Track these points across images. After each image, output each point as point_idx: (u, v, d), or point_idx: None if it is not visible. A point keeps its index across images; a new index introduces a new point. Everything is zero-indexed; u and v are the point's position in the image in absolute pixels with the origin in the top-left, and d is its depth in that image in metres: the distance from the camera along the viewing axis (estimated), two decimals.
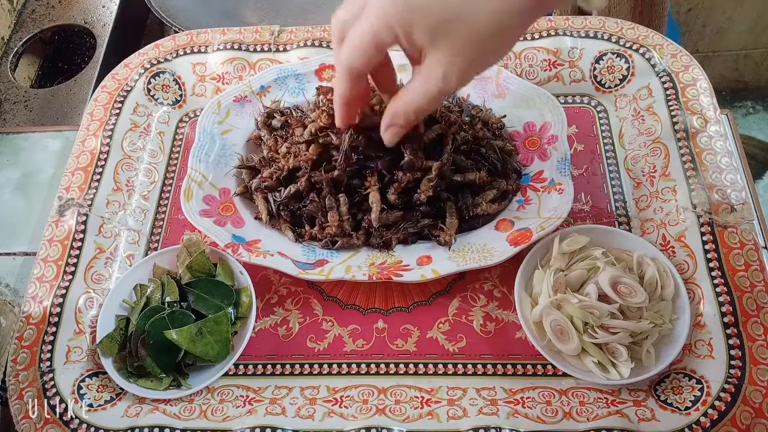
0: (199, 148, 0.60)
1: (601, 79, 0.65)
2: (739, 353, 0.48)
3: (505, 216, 0.57)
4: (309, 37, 0.68)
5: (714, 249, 0.52)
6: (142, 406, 0.50)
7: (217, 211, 0.58)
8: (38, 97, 0.79)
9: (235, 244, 0.55)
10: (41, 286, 0.55)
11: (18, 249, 0.63)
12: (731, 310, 0.49)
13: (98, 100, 0.66)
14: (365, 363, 0.53)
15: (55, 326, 0.53)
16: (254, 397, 0.51)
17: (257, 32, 0.69)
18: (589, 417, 0.47)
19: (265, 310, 0.56)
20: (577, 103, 0.66)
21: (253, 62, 0.68)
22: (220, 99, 0.63)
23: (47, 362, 0.51)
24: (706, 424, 0.46)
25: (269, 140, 0.61)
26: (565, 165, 0.57)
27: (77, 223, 0.58)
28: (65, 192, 0.60)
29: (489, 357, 0.52)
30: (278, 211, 0.57)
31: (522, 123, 0.62)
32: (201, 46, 0.69)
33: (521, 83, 0.63)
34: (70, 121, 0.75)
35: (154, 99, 0.68)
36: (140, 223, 0.61)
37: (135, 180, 0.63)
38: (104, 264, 0.57)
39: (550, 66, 0.66)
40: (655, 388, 0.49)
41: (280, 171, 0.57)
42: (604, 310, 0.49)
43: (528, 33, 0.66)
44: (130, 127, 0.65)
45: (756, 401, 0.46)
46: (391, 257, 0.55)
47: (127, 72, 0.68)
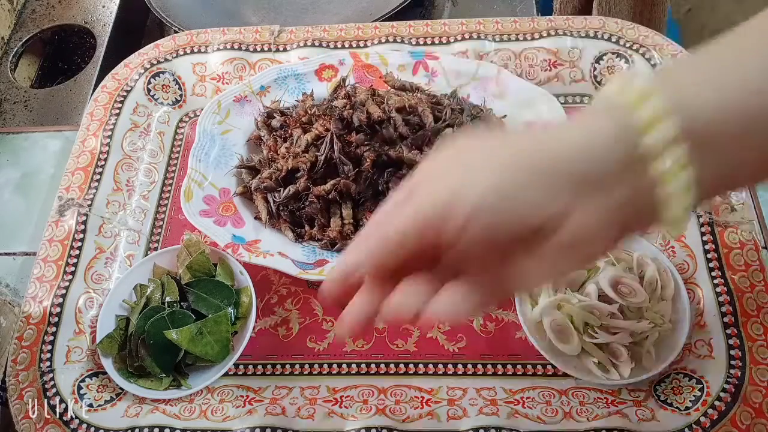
0: (199, 148, 0.60)
1: (602, 79, 0.65)
2: (739, 353, 0.48)
3: None
4: (309, 37, 0.68)
5: (714, 249, 0.52)
6: (142, 406, 0.50)
7: (217, 211, 0.58)
8: (38, 97, 0.79)
9: (235, 244, 0.55)
10: (41, 286, 0.55)
11: (18, 249, 0.63)
12: (731, 310, 0.49)
13: (98, 100, 0.66)
14: (365, 363, 0.53)
15: (55, 326, 0.53)
16: (254, 397, 0.51)
17: (257, 32, 0.69)
18: (589, 417, 0.47)
19: (265, 310, 0.56)
20: (577, 103, 0.66)
21: (253, 62, 0.68)
22: (220, 99, 0.63)
23: (47, 362, 0.51)
24: (706, 424, 0.46)
25: (269, 140, 0.61)
26: None
27: (77, 223, 0.58)
28: (65, 192, 0.60)
29: (489, 357, 0.52)
30: (278, 211, 0.57)
31: (522, 123, 0.62)
32: (201, 46, 0.69)
33: (521, 83, 0.63)
34: (70, 121, 0.75)
35: (154, 99, 0.68)
36: (140, 223, 0.61)
37: (135, 180, 0.63)
38: (104, 264, 0.57)
39: (550, 66, 0.66)
40: (655, 388, 0.49)
41: (279, 171, 0.57)
42: (604, 310, 0.49)
43: (528, 33, 0.66)
44: (130, 127, 0.65)
45: (756, 401, 0.46)
46: None
47: (127, 72, 0.68)
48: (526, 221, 0.31)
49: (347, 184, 0.54)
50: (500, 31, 0.67)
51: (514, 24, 0.67)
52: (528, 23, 0.67)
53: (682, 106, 0.30)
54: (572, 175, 0.31)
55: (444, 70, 0.65)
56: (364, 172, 0.54)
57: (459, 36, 0.67)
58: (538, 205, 0.31)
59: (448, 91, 0.64)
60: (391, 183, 0.55)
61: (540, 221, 0.31)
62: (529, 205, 0.31)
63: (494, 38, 0.66)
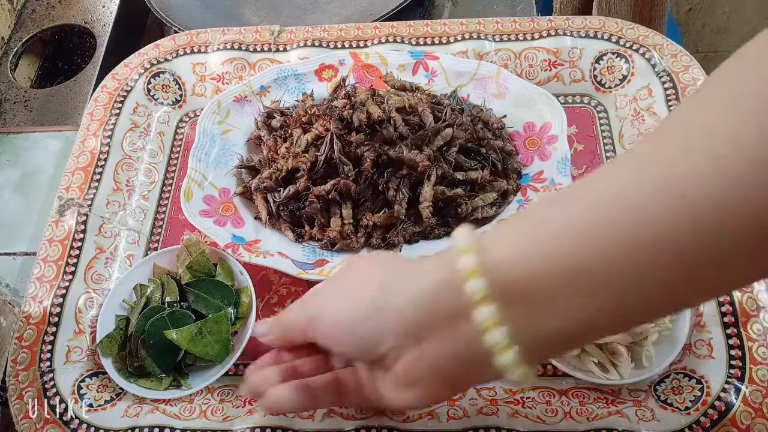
0: (199, 148, 0.60)
1: (601, 79, 0.65)
2: (739, 353, 0.48)
3: (505, 216, 0.57)
4: (309, 37, 0.68)
5: None
6: (142, 406, 0.50)
7: (217, 211, 0.58)
8: (38, 97, 0.79)
9: (235, 244, 0.55)
10: (41, 286, 0.55)
11: (18, 249, 0.63)
12: (731, 310, 0.49)
13: (98, 100, 0.66)
14: None
15: (55, 326, 0.53)
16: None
17: (257, 32, 0.69)
18: (589, 417, 0.47)
19: (265, 311, 0.56)
20: (577, 103, 0.66)
21: (253, 62, 0.68)
22: (220, 99, 0.63)
23: (47, 362, 0.51)
24: (706, 424, 0.46)
25: (269, 140, 0.61)
26: (565, 165, 0.57)
27: (77, 223, 0.58)
28: (65, 192, 0.60)
29: None
30: (278, 211, 0.57)
31: (522, 123, 0.62)
32: (201, 46, 0.69)
33: (521, 83, 0.63)
34: (70, 121, 0.75)
35: (154, 99, 0.68)
36: (140, 223, 0.61)
37: (135, 180, 0.63)
38: (104, 264, 0.57)
39: (550, 66, 0.66)
40: (655, 388, 0.49)
41: (279, 171, 0.57)
42: None
43: (528, 33, 0.67)
44: (130, 127, 0.65)
45: (756, 401, 0.46)
46: None
47: (127, 72, 0.68)
48: (365, 352, 0.36)
49: (347, 184, 0.54)
50: (500, 31, 0.67)
51: (514, 24, 0.67)
52: (528, 23, 0.67)
53: (490, 265, 0.31)
54: (405, 320, 0.34)
55: (444, 70, 0.65)
56: (364, 172, 0.54)
57: (459, 36, 0.67)
58: (372, 341, 0.35)
59: (448, 91, 0.64)
60: (391, 183, 0.55)
61: (377, 354, 0.35)
62: (365, 339, 0.35)
63: (494, 38, 0.66)
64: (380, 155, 0.54)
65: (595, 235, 0.29)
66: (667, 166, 0.28)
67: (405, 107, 0.59)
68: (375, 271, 0.37)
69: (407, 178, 0.55)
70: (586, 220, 0.29)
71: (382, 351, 0.35)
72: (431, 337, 0.33)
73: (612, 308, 0.30)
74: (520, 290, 0.31)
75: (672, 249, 0.27)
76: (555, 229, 0.30)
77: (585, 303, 0.30)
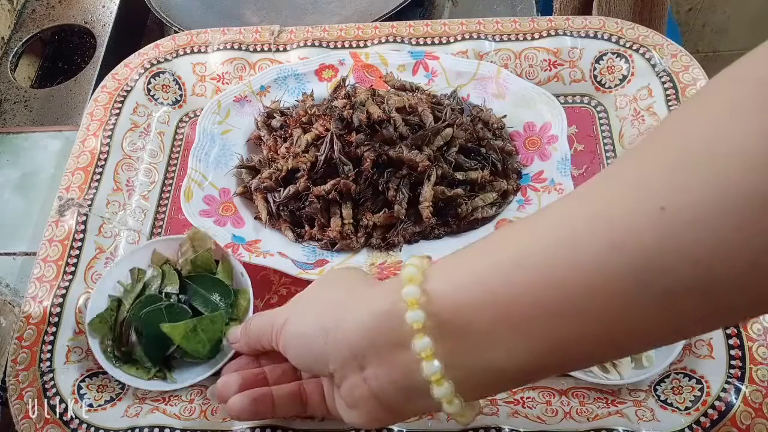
0: (199, 148, 0.60)
1: (601, 79, 0.65)
2: (739, 353, 0.48)
3: (505, 216, 0.57)
4: (309, 37, 0.68)
5: None
6: (142, 406, 0.50)
7: (217, 211, 0.58)
8: (38, 97, 0.79)
9: (235, 244, 0.55)
10: (41, 286, 0.55)
11: (18, 249, 0.63)
12: None
13: (98, 100, 0.66)
14: None
15: (55, 326, 0.53)
16: None
17: (257, 32, 0.69)
18: (589, 417, 0.47)
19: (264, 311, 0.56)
20: (577, 103, 0.66)
21: (253, 62, 0.68)
22: (220, 99, 0.63)
23: (47, 362, 0.51)
24: (706, 424, 0.46)
25: (269, 140, 0.61)
26: (565, 165, 0.57)
27: (77, 223, 0.58)
28: (65, 192, 0.60)
29: None
30: (278, 211, 0.57)
31: (522, 123, 0.62)
32: (201, 46, 0.69)
33: (521, 83, 0.63)
34: (70, 121, 0.75)
35: (154, 99, 0.68)
36: (140, 223, 0.61)
37: (135, 180, 0.63)
38: (104, 264, 0.57)
39: (550, 66, 0.66)
40: (655, 388, 0.49)
41: (279, 171, 0.57)
42: None
43: (528, 33, 0.66)
44: (130, 127, 0.65)
45: (756, 401, 0.46)
46: (391, 257, 0.55)
47: (127, 72, 0.68)
48: (317, 368, 0.38)
49: (347, 184, 0.54)
50: (500, 31, 0.67)
51: (514, 24, 0.67)
52: (528, 23, 0.67)
53: (431, 296, 0.31)
54: (350, 344, 0.34)
55: (444, 70, 0.65)
56: (364, 172, 0.54)
57: (459, 36, 0.67)
58: (323, 359, 0.36)
59: (448, 91, 0.64)
60: (391, 183, 0.55)
61: (327, 372, 0.36)
62: (316, 357, 0.37)
63: (494, 38, 0.66)
64: (380, 155, 0.54)
65: (519, 273, 0.28)
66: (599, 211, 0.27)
67: (405, 107, 0.59)
68: (336, 291, 0.38)
69: (407, 178, 0.55)
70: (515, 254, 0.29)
71: (331, 370, 0.36)
72: (373, 363, 0.33)
73: (546, 347, 0.29)
74: (456, 324, 0.30)
75: (612, 290, 0.26)
76: (491, 263, 0.30)
77: (518, 342, 0.29)
